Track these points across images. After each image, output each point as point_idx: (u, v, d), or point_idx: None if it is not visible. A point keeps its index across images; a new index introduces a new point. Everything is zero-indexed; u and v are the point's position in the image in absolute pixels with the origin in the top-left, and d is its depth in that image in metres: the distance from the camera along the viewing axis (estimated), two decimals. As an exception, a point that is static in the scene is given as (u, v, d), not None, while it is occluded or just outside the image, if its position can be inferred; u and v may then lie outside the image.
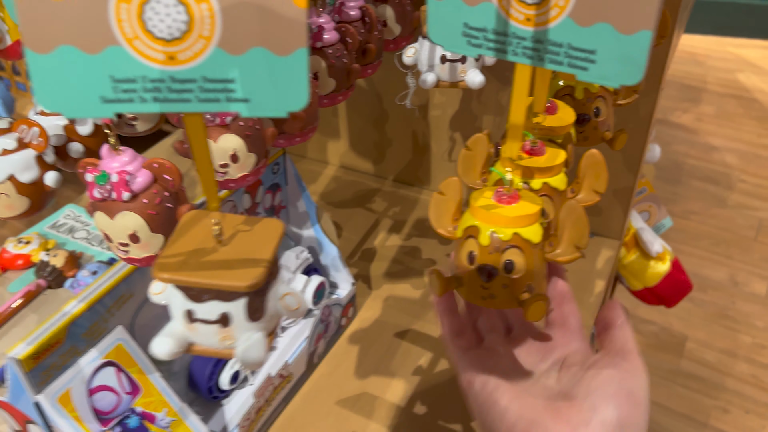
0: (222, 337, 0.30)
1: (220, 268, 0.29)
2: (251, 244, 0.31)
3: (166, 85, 0.25)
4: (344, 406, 0.56)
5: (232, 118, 0.44)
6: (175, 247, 0.30)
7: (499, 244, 0.34)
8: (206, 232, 0.31)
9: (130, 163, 0.38)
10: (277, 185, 0.57)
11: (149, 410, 0.45)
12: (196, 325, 0.30)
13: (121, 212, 0.37)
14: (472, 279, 0.35)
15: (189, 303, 0.29)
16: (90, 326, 0.43)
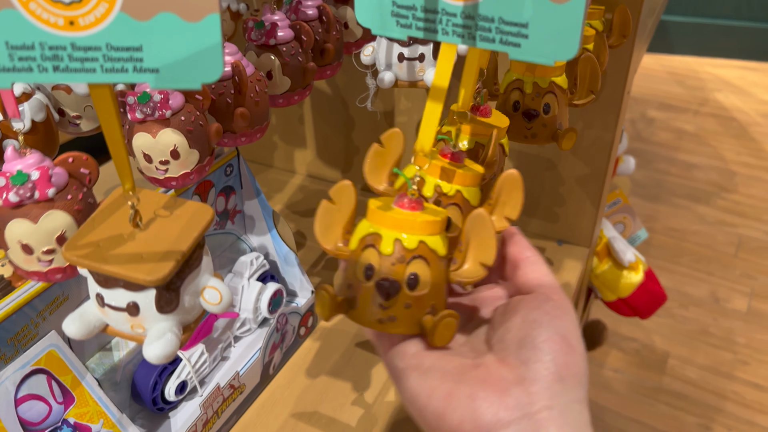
0: (132, 325, 0.28)
1: (129, 257, 0.27)
2: (171, 232, 0.29)
3: (68, 53, 0.24)
4: (301, 419, 0.53)
5: (172, 112, 0.42)
6: (91, 229, 0.28)
7: (404, 252, 0.29)
8: (126, 214, 0.29)
9: (40, 163, 0.35)
10: (231, 188, 0.55)
11: (83, 421, 0.43)
12: (107, 310, 0.28)
13: (46, 213, 0.35)
14: (368, 299, 0.29)
15: (98, 287, 0.28)
16: (18, 331, 0.40)
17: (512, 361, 0.28)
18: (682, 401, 1.37)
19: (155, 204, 0.30)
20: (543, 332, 0.29)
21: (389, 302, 0.29)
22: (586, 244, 0.70)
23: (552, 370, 0.27)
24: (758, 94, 2.49)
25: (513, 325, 0.30)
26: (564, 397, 0.27)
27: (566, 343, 0.28)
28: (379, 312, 0.29)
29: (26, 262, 0.35)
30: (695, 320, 1.55)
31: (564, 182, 0.68)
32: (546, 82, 0.44)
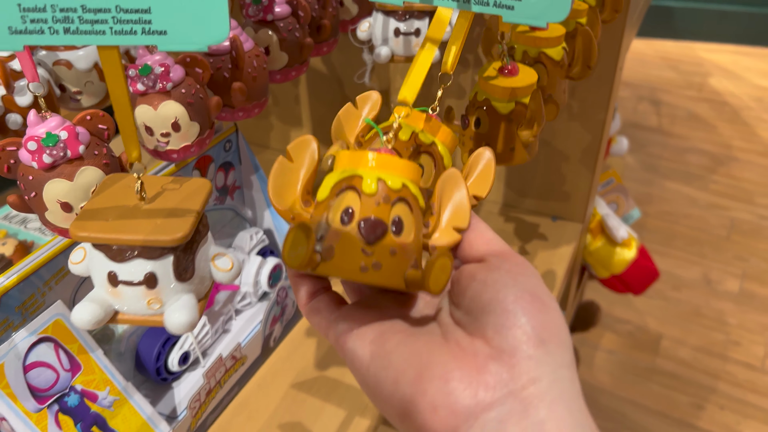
0: (149, 300, 0.28)
1: (143, 225, 0.27)
2: (176, 201, 0.29)
3: (78, 15, 0.24)
4: (301, 389, 0.55)
5: (173, 84, 0.43)
6: (95, 205, 0.29)
7: (389, 192, 0.26)
8: (128, 190, 0.30)
9: (63, 124, 0.37)
10: (230, 164, 0.56)
11: (90, 389, 0.44)
12: (121, 289, 0.28)
13: (80, 170, 0.35)
14: (348, 244, 0.25)
15: (111, 264, 0.27)
16: (26, 299, 0.41)
17: (485, 332, 0.24)
18: (675, 381, 1.39)
19: (155, 183, 0.31)
20: (510, 292, 0.24)
21: (374, 246, 0.25)
22: (580, 219, 0.71)
23: (530, 333, 0.23)
24: (751, 78, 2.50)
25: (475, 292, 0.25)
26: (550, 363, 0.23)
27: (538, 300, 0.24)
28: (361, 258, 0.25)
29: (66, 219, 0.36)
30: (688, 302, 1.57)
31: (558, 159, 0.69)
32: (535, 52, 0.45)
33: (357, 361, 0.26)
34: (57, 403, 0.42)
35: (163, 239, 0.27)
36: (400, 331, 0.26)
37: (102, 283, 0.28)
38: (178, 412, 0.48)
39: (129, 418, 0.45)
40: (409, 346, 0.25)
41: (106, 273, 0.28)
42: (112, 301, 0.28)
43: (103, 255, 0.27)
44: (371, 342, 0.26)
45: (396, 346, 0.25)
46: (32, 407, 0.41)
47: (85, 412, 0.43)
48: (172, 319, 0.28)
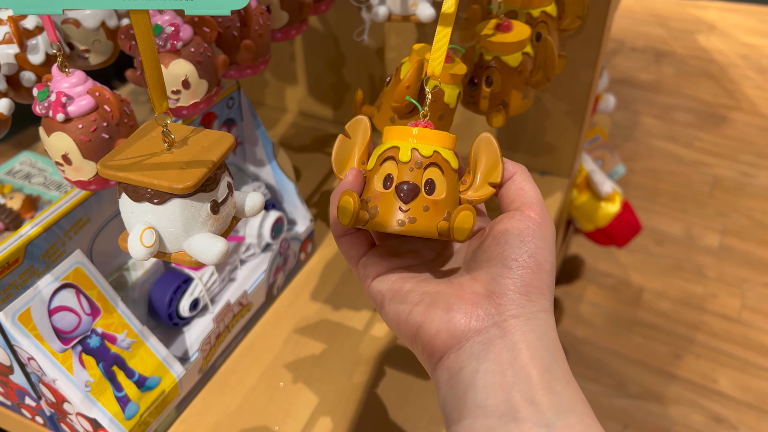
0: (233, 205, 0.34)
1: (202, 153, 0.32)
2: (194, 137, 0.33)
3: (111, -19, 0.26)
4: (303, 333, 0.58)
5: (183, 43, 0.44)
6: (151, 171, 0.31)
7: (421, 159, 0.32)
8: (148, 148, 0.33)
9: (76, 86, 0.39)
10: (233, 120, 0.58)
11: (110, 331, 0.47)
12: (221, 211, 0.33)
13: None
14: (389, 204, 0.31)
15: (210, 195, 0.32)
16: (48, 248, 0.44)
17: (483, 278, 0.31)
18: (655, 332, 1.44)
19: (179, 131, 0.34)
20: (513, 252, 0.31)
21: (409, 205, 0.31)
22: (567, 175, 0.74)
23: (518, 285, 0.30)
24: (738, 35, 2.52)
25: (488, 245, 0.32)
26: (529, 307, 0.30)
27: (534, 261, 0.30)
28: (399, 215, 0.31)
29: None
30: (669, 256, 1.62)
31: (546, 116, 0.71)
32: (538, 12, 0.47)
33: (379, 297, 0.34)
34: (80, 345, 0.45)
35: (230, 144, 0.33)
36: (414, 276, 0.33)
37: (205, 221, 0.32)
38: (190, 353, 0.52)
39: (146, 358, 0.48)
40: (422, 287, 0.32)
41: (209, 207, 0.32)
42: (214, 229, 0.33)
43: (203, 192, 0.32)
44: (392, 284, 0.33)
45: (412, 287, 0.32)
46: (58, 348, 0.44)
47: (106, 352, 0.46)
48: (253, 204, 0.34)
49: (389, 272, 0.34)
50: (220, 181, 0.32)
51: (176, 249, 0.32)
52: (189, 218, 0.31)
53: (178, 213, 0.31)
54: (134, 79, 0.46)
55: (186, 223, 0.31)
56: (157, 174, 0.30)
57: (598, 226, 0.86)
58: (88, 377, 0.45)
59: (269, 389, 0.54)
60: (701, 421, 1.27)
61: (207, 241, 0.31)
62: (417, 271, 0.34)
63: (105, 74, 1.25)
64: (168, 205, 0.31)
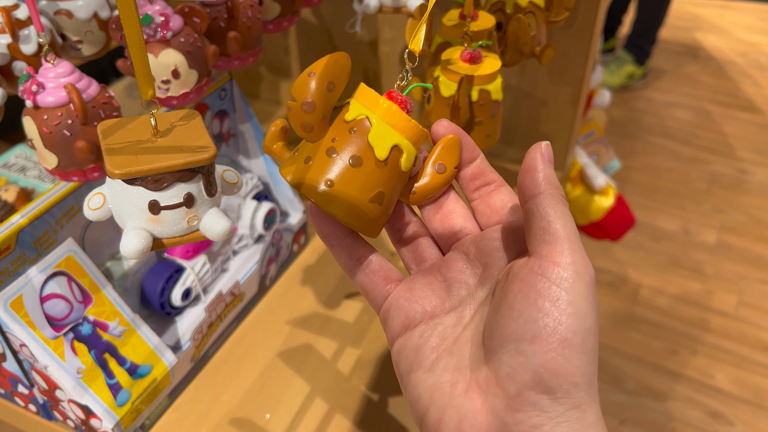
0: (189, 218, 0.31)
1: (173, 151, 0.31)
2: (185, 130, 0.33)
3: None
4: (295, 324, 0.58)
5: (173, 33, 0.45)
6: (114, 146, 0.32)
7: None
8: (136, 129, 0.33)
9: (57, 78, 0.40)
10: (225, 112, 0.58)
11: (101, 319, 0.47)
12: (162, 215, 0.31)
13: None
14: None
15: (152, 194, 0.31)
16: (40, 236, 0.44)
17: (498, 370, 0.25)
18: (652, 328, 1.45)
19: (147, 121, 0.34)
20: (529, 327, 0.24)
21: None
22: (560, 168, 0.75)
23: (539, 380, 0.23)
24: (737, 32, 2.52)
25: (502, 317, 0.25)
26: (554, 410, 0.23)
27: (558, 339, 0.23)
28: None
29: None
30: (667, 253, 1.62)
31: (540, 110, 0.72)
32: (525, 2, 0.48)
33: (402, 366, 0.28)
34: (72, 332, 0.45)
35: (203, 158, 0.31)
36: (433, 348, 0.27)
37: (141, 214, 0.31)
38: (182, 342, 0.52)
39: (137, 346, 0.48)
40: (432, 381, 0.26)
41: (147, 203, 0.31)
42: (153, 228, 0.31)
43: (142, 188, 0.31)
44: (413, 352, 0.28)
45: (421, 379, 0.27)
46: (50, 334, 0.44)
47: (98, 340, 0.47)
48: (215, 227, 0.32)
49: (410, 330, 0.28)
50: (170, 186, 0.31)
51: (121, 226, 0.32)
52: (128, 204, 0.31)
53: (121, 194, 0.31)
54: (125, 68, 0.46)
55: (125, 206, 0.31)
56: (114, 155, 0.31)
57: (591, 220, 0.86)
58: (80, 364, 0.45)
59: (261, 378, 0.54)
60: (698, 417, 1.27)
61: (128, 236, 0.31)
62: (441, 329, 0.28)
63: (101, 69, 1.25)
64: (116, 182, 0.31)
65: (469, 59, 0.42)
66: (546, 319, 0.23)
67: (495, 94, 0.42)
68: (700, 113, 2.11)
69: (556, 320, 0.23)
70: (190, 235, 0.33)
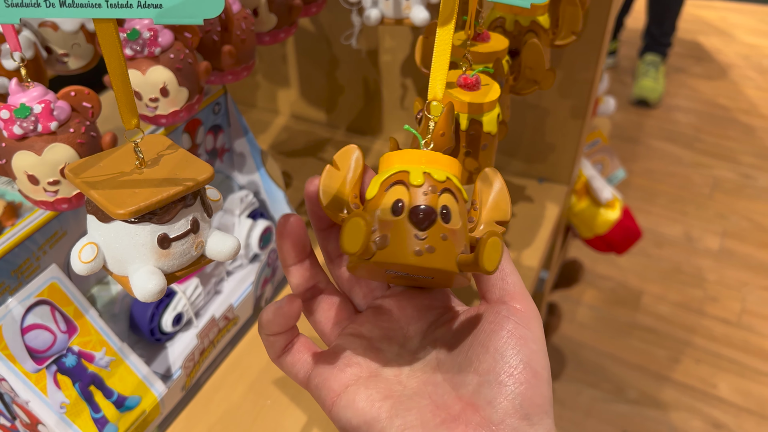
0: (195, 245, 0.30)
1: (168, 179, 0.29)
2: (169, 154, 0.30)
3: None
4: (292, 348, 0.56)
5: (162, 49, 0.42)
6: (102, 186, 0.29)
7: (435, 183, 0.27)
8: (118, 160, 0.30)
9: (42, 96, 0.36)
10: (219, 126, 0.56)
11: (87, 349, 0.45)
12: (172, 248, 0.29)
13: (49, 146, 0.36)
14: (402, 232, 0.27)
15: (161, 228, 0.29)
16: (21, 263, 0.42)
17: (477, 400, 0.27)
18: (654, 336, 1.43)
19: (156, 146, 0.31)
20: (506, 364, 0.27)
21: (426, 231, 0.27)
22: (566, 182, 0.72)
23: (517, 406, 0.26)
24: (739, 35, 2.50)
25: (474, 354, 0.28)
26: None
27: (531, 371, 0.27)
28: (415, 243, 0.26)
29: (33, 191, 0.36)
30: (669, 259, 1.60)
31: (545, 122, 0.69)
32: (527, 21, 0.45)
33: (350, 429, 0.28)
34: (55, 364, 0.43)
35: (202, 178, 0.29)
36: (386, 396, 0.28)
37: (149, 253, 0.29)
38: (173, 371, 0.50)
39: (125, 377, 0.46)
40: (402, 417, 0.27)
41: (155, 239, 0.29)
42: (162, 264, 0.29)
43: (149, 224, 0.28)
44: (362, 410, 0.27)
45: (389, 417, 0.27)
46: (31, 368, 0.42)
47: (83, 372, 0.44)
48: (223, 248, 0.30)
49: (352, 387, 0.28)
50: (177, 215, 0.29)
51: (119, 272, 0.30)
52: (131, 246, 0.29)
53: (122, 237, 0.29)
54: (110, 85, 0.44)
55: (128, 249, 0.29)
56: (106, 192, 0.28)
57: (597, 233, 0.84)
58: (64, 398, 0.43)
59: (256, 407, 0.52)
60: (700, 427, 1.25)
61: (142, 278, 0.29)
62: (384, 384, 0.28)
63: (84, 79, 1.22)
64: (112, 225, 0.29)
65: (464, 85, 0.39)
66: (520, 355, 0.27)
67: (487, 126, 0.38)
68: (702, 117, 2.09)
69: (528, 356, 0.27)
70: (198, 261, 0.31)
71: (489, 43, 0.41)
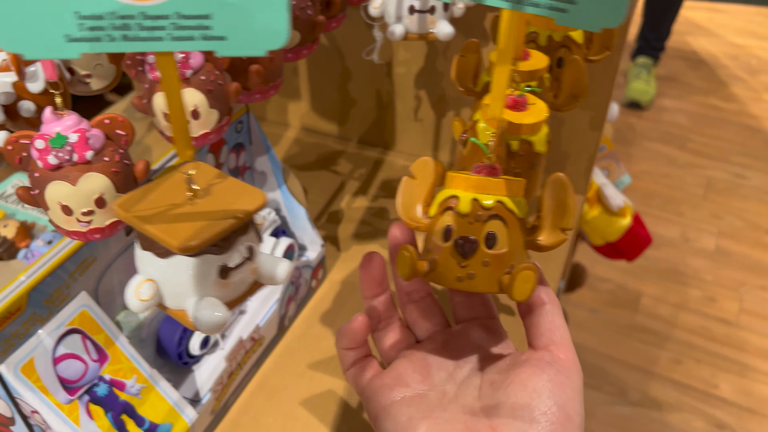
0: (251, 271, 0.30)
1: (224, 210, 0.28)
2: (219, 182, 0.30)
3: (137, 22, 0.24)
4: (317, 368, 0.55)
5: (193, 71, 0.41)
6: (158, 221, 0.28)
7: (481, 212, 0.30)
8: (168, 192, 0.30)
9: (78, 125, 0.35)
10: (241, 145, 0.55)
11: (118, 377, 0.44)
12: (231, 277, 0.29)
13: (84, 175, 0.35)
14: (447, 258, 0.30)
15: (220, 258, 0.29)
16: (52, 293, 0.41)
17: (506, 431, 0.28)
18: (654, 337, 1.44)
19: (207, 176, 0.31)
20: (542, 403, 0.28)
21: (467, 260, 0.30)
22: (582, 191, 0.72)
23: None
24: (727, 35, 2.52)
25: (513, 390, 0.30)
26: None
27: (564, 414, 0.28)
28: (458, 270, 0.30)
29: (66, 222, 0.35)
30: (666, 260, 1.61)
31: (561, 132, 0.69)
32: (560, 36, 0.45)
33: None
34: (87, 394, 0.42)
35: (258, 206, 0.29)
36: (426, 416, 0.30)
37: (209, 285, 0.29)
38: (201, 395, 0.49)
39: (156, 404, 0.45)
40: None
41: (216, 270, 0.29)
42: (222, 294, 0.29)
43: (210, 255, 0.28)
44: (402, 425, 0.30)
45: None
46: (63, 399, 0.41)
47: (115, 401, 0.43)
48: (277, 272, 0.31)
49: (397, 403, 0.31)
50: (235, 244, 0.29)
51: (177, 306, 0.30)
52: (192, 279, 0.29)
53: (181, 271, 0.28)
54: (141, 107, 0.43)
55: (188, 283, 0.29)
56: (164, 227, 0.28)
57: (608, 241, 0.84)
58: (96, 429, 0.42)
59: (284, 429, 0.51)
60: (703, 428, 1.26)
61: (207, 310, 0.28)
62: (427, 405, 0.31)
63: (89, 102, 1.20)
64: (171, 260, 0.28)
65: (513, 105, 0.39)
66: (556, 398, 0.28)
67: (538, 146, 0.38)
68: (693, 117, 2.10)
69: (563, 400, 0.29)
70: (252, 288, 0.31)
71: (530, 61, 0.40)
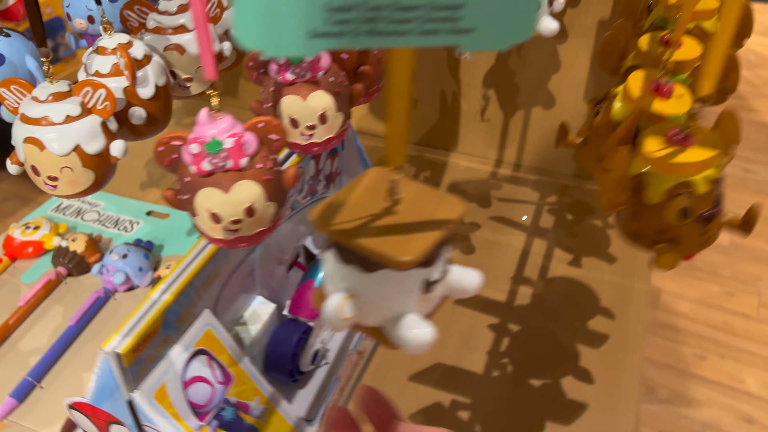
0: (445, 285, 0.28)
1: (430, 220, 0.27)
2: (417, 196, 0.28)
3: (387, 15, 0.21)
4: (419, 380, 0.53)
5: (323, 72, 0.39)
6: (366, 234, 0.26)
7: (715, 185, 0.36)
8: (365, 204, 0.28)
9: (233, 128, 0.33)
10: (335, 150, 0.53)
11: (242, 399, 0.41)
12: (432, 291, 0.27)
13: (237, 183, 0.32)
14: (690, 233, 0.36)
15: (424, 271, 0.26)
16: (181, 311, 0.38)
17: None
18: (677, 334, 1.44)
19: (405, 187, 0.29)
20: None
21: (709, 226, 0.37)
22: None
23: None
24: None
25: None
26: None
27: None
28: (699, 239, 0.37)
29: (212, 230, 0.33)
30: (683, 256, 1.62)
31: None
32: (692, 24, 0.43)
33: None
34: (216, 419, 0.39)
35: (460, 214, 0.27)
36: None
37: (412, 300, 0.27)
38: (315, 413, 0.46)
39: (278, 426, 0.43)
40: None
41: (420, 285, 0.27)
42: (422, 309, 0.27)
43: (416, 269, 0.26)
44: None
45: None
46: (194, 425, 0.38)
47: (241, 424, 0.41)
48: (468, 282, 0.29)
49: None
50: (439, 258, 0.27)
51: (372, 323, 0.28)
52: (396, 294, 0.27)
53: (386, 286, 0.26)
54: (261, 112, 0.40)
55: (392, 299, 0.27)
56: (376, 240, 0.26)
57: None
58: (226, 455, 0.39)
59: (396, 445, 0.48)
60: (733, 423, 1.26)
61: (413, 328, 0.26)
62: None
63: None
64: (377, 275, 0.26)
65: (656, 89, 0.37)
66: None
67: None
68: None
69: None
70: (441, 302, 0.29)
71: (683, 50, 0.39)
